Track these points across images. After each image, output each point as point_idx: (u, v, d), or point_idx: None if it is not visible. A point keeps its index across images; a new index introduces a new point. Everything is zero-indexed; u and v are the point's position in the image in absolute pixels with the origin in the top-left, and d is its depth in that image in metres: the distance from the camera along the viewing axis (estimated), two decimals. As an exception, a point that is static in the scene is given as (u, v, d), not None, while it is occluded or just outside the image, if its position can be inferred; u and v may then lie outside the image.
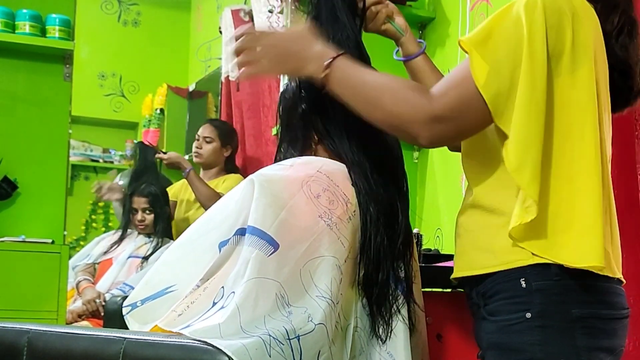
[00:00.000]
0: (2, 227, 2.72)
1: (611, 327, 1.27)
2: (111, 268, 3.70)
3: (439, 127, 1.23)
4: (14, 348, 1.20)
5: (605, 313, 1.26)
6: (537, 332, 1.24)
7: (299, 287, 1.27)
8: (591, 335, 1.25)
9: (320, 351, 1.24)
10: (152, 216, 3.76)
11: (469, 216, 1.36)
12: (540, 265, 1.25)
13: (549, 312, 1.24)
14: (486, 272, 1.30)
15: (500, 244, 1.28)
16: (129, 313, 1.36)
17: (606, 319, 1.26)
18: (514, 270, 1.27)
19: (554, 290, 1.24)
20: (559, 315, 1.24)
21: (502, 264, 1.28)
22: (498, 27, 1.23)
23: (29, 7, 2.75)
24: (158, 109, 5.56)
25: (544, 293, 1.24)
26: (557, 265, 1.24)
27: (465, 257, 1.36)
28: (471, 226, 1.35)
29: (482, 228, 1.33)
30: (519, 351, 1.26)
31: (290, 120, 1.51)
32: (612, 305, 1.28)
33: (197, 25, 5.85)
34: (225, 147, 3.91)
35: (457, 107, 1.23)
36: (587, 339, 1.24)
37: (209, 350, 1.13)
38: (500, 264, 1.28)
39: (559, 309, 1.24)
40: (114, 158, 5.80)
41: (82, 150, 5.70)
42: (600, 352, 1.26)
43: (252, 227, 1.29)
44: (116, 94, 5.86)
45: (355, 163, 1.42)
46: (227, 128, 4.07)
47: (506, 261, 1.27)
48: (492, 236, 1.30)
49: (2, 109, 2.77)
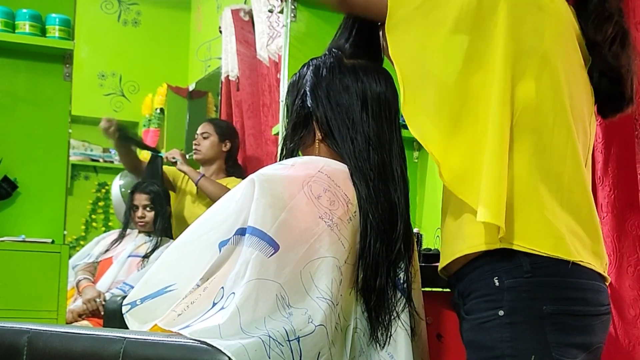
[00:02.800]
0: (2, 227, 2.72)
1: (585, 323, 1.28)
2: (111, 267, 3.70)
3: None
4: (14, 348, 1.20)
5: (578, 309, 1.28)
6: (507, 329, 1.26)
7: (300, 288, 1.27)
8: (562, 331, 1.26)
9: (320, 352, 1.24)
10: (153, 214, 3.76)
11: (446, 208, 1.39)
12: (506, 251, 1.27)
13: (518, 308, 1.26)
14: (454, 257, 1.33)
15: (468, 228, 1.31)
16: (129, 312, 1.36)
17: (579, 315, 1.28)
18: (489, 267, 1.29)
19: (524, 287, 1.26)
20: (528, 312, 1.26)
21: (470, 247, 1.30)
22: None
23: (29, 7, 2.74)
24: (158, 109, 5.56)
25: (515, 290, 1.27)
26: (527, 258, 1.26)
27: (444, 249, 1.40)
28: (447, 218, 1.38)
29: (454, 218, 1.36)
30: (490, 348, 1.28)
31: (296, 115, 1.51)
32: (587, 302, 1.29)
33: (197, 25, 5.85)
34: (223, 142, 3.93)
35: None
36: (557, 335, 1.26)
37: (208, 351, 1.13)
38: (467, 248, 1.31)
39: (529, 306, 1.26)
40: (114, 158, 5.80)
41: (82, 149, 5.70)
42: (572, 348, 1.27)
43: (252, 227, 1.29)
44: (116, 93, 5.86)
45: (358, 168, 1.41)
46: (226, 125, 4.11)
47: (472, 245, 1.30)
48: (461, 222, 1.33)
49: (2, 109, 2.76)
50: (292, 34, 2.92)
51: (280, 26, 3.44)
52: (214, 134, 3.92)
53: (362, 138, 1.43)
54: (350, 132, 1.43)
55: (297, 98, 1.50)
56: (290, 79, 1.56)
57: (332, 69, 1.48)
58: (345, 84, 1.46)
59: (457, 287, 1.38)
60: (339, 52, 1.51)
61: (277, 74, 3.56)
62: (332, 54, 1.51)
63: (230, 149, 3.96)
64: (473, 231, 1.30)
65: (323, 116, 1.46)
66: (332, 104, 1.45)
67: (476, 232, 1.29)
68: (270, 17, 3.70)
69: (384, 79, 1.48)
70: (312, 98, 1.48)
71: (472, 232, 1.30)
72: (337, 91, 1.46)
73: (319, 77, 1.48)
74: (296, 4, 2.94)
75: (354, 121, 1.44)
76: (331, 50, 1.53)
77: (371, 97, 1.45)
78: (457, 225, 1.34)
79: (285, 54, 2.94)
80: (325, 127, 1.46)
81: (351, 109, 1.45)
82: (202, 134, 3.93)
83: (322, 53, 1.56)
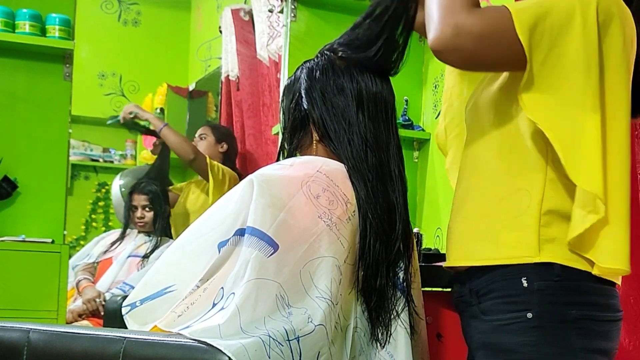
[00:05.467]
0: (2, 227, 2.72)
1: (606, 329, 1.27)
2: (111, 267, 3.70)
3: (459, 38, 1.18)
4: (14, 348, 1.20)
5: (601, 315, 1.26)
6: (532, 333, 1.23)
7: (299, 288, 1.27)
8: (586, 336, 1.24)
9: (319, 352, 1.24)
10: (152, 214, 3.77)
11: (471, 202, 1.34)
12: (544, 264, 1.24)
13: (546, 312, 1.23)
14: (487, 264, 1.28)
15: (507, 236, 1.26)
16: (128, 313, 1.36)
17: (602, 320, 1.26)
18: (514, 267, 1.25)
19: (553, 291, 1.23)
20: (555, 316, 1.23)
21: (505, 258, 1.26)
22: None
23: (29, 7, 2.74)
24: (158, 109, 5.55)
25: (544, 293, 1.23)
26: (559, 265, 1.23)
27: (463, 246, 1.34)
28: (472, 213, 1.33)
29: (485, 216, 1.30)
30: (510, 351, 1.25)
31: (292, 118, 1.51)
32: (608, 308, 1.27)
33: (197, 25, 5.85)
34: (220, 143, 3.98)
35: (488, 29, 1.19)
36: (582, 340, 1.23)
37: (208, 350, 1.13)
38: (503, 258, 1.26)
39: (557, 310, 1.23)
40: (114, 158, 5.80)
41: (82, 149, 5.70)
42: (596, 354, 1.25)
43: (252, 227, 1.29)
44: (116, 93, 5.86)
45: (355, 169, 1.41)
46: (223, 127, 4.18)
47: (510, 256, 1.25)
48: (498, 226, 1.28)
49: (2, 109, 2.76)
50: (292, 34, 2.93)
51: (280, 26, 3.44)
52: (210, 135, 3.97)
53: (359, 139, 1.43)
54: (346, 133, 1.43)
55: (292, 101, 1.50)
56: (286, 82, 1.56)
57: (325, 71, 1.48)
58: (340, 85, 1.46)
59: (468, 285, 1.33)
60: (331, 53, 1.51)
61: (277, 73, 3.56)
62: (325, 56, 1.51)
63: (227, 151, 4.00)
64: (511, 241, 1.26)
65: (319, 118, 1.46)
66: (328, 106, 1.45)
67: (514, 243, 1.25)
68: (270, 17, 3.70)
69: (380, 78, 1.48)
70: (307, 100, 1.48)
71: (510, 241, 1.26)
72: (332, 92, 1.46)
73: (313, 80, 1.48)
74: (296, 4, 2.94)
75: (350, 122, 1.44)
76: (323, 52, 1.52)
77: (367, 97, 1.45)
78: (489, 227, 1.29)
79: (285, 53, 2.94)
80: (321, 129, 1.46)
81: (347, 110, 1.44)
82: (199, 135, 3.99)
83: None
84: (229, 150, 4.00)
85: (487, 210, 1.30)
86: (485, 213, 1.30)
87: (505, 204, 1.28)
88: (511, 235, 1.26)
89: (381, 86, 1.47)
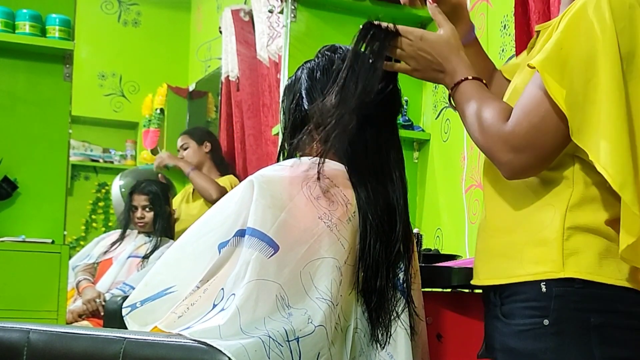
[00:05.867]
0: (2, 227, 2.72)
1: (631, 337, 1.23)
2: (111, 268, 3.70)
3: (519, 157, 1.22)
4: (14, 348, 1.20)
5: (626, 323, 1.23)
6: (552, 339, 1.22)
7: (299, 289, 1.27)
8: (609, 344, 1.21)
9: (319, 353, 1.24)
10: (152, 214, 3.77)
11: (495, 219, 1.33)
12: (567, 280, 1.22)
13: (565, 319, 1.21)
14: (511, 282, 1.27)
15: (530, 252, 1.25)
16: (129, 314, 1.36)
17: (626, 329, 1.23)
18: None
19: (573, 297, 1.21)
20: (575, 323, 1.21)
21: (529, 275, 1.25)
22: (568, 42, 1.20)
23: (29, 7, 2.74)
24: (158, 109, 5.56)
25: (563, 300, 1.22)
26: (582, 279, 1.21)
27: (489, 264, 1.34)
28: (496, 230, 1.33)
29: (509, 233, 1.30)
30: (530, 357, 1.24)
31: (293, 118, 1.51)
32: (631, 315, 1.24)
33: (197, 25, 5.85)
34: (203, 145, 4.08)
35: (533, 135, 1.21)
36: (604, 348, 1.21)
37: (208, 351, 1.13)
38: (527, 275, 1.25)
39: (576, 316, 1.21)
40: (114, 158, 5.80)
41: (82, 150, 5.70)
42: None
43: (252, 228, 1.29)
44: (116, 93, 5.86)
45: (356, 170, 1.41)
46: (199, 128, 4.31)
47: (533, 272, 1.24)
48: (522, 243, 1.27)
49: (2, 109, 2.77)
50: (292, 34, 2.93)
51: (280, 26, 3.45)
52: (191, 141, 4.08)
53: (360, 140, 1.43)
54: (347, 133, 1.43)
55: (293, 101, 1.50)
56: (286, 83, 1.56)
57: (326, 71, 1.48)
58: None
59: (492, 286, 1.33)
60: (332, 54, 1.51)
61: (277, 74, 3.57)
62: (326, 56, 1.51)
63: (212, 149, 4.11)
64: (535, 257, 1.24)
65: (320, 118, 1.46)
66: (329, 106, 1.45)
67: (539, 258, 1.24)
68: (270, 17, 3.71)
69: None
70: (308, 101, 1.48)
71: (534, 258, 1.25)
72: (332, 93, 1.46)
73: (314, 80, 1.48)
74: (296, 4, 2.94)
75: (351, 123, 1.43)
76: (324, 52, 1.52)
77: None
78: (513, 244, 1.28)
79: (285, 54, 2.94)
80: (322, 129, 1.46)
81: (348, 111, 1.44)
82: (181, 146, 4.09)
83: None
84: (213, 147, 4.11)
85: (510, 227, 1.30)
86: (509, 229, 1.30)
87: (529, 220, 1.27)
88: (534, 251, 1.25)
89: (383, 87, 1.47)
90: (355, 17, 3.00)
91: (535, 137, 1.21)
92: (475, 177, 2.71)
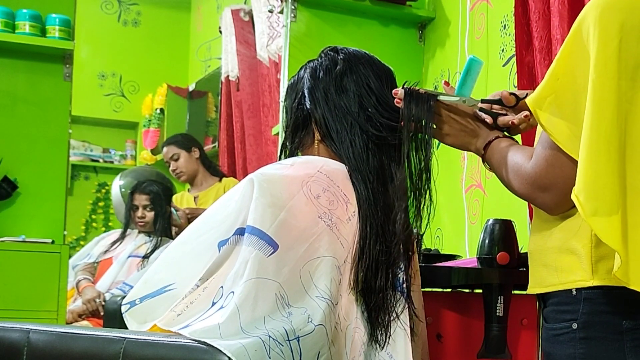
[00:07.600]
0: (2, 227, 2.72)
1: None
2: (111, 267, 3.70)
3: (548, 195, 1.23)
4: (14, 348, 1.20)
5: None
6: (581, 345, 1.20)
7: (299, 288, 1.27)
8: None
9: (319, 352, 1.24)
10: (153, 214, 3.77)
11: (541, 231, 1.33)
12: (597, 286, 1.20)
13: (595, 323, 1.19)
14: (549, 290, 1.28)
15: (563, 260, 1.25)
16: (128, 311, 1.36)
17: None
18: None
19: (602, 299, 1.19)
20: (606, 327, 1.19)
21: (562, 284, 1.25)
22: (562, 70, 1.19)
23: (29, 7, 2.75)
24: (158, 109, 5.56)
25: (592, 302, 1.20)
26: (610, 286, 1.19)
27: (535, 273, 1.34)
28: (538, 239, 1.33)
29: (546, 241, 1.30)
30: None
31: (295, 117, 1.51)
32: None
33: (197, 25, 5.85)
34: (191, 152, 4.07)
35: (551, 172, 1.21)
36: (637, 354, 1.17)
37: (208, 351, 1.13)
38: (561, 284, 1.25)
39: (607, 320, 1.19)
40: (114, 158, 5.80)
41: (82, 150, 5.70)
42: None
43: (252, 227, 1.29)
44: (116, 93, 5.86)
45: (357, 170, 1.41)
46: (181, 136, 4.26)
47: (565, 281, 1.24)
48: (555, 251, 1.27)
49: (2, 109, 2.77)
50: (292, 34, 2.93)
51: (280, 26, 3.45)
52: (180, 150, 4.05)
53: (361, 140, 1.43)
54: (348, 134, 1.44)
55: (295, 100, 1.51)
56: (289, 82, 1.56)
57: (328, 71, 1.48)
58: (343, 85, 1.46)
59: None
60: (335, 54, 1.51)
61: (277, 74, 3.57)
62: (329, 56, 1.51)
63: (200, 154, 4.09)
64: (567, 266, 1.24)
65: (321, 118, 1.46)
66: (330, 106, 1.45)
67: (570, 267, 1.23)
68: (270, 17, 3.71)
69: (384, 79, 1.48)
70: (310, 100, 1.48)
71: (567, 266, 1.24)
72: (334, 93, 1.46)
73: (316, 79, 1.48)
74: (296, 5, 2.94)
75: (352, 123, 1.44)
76: (327, 52, 1.53)
77: (370, 98, 1.45)
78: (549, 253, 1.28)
79: (285, 54, 2.94)
80: (324, 129, 1.46)
81: (349, 111, 1.45)
82: (171, 157, 4.06)
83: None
84: (200, 152, 4.11)
85: (547, 236, 1.30)
86: (546, 238, 1.30)
87: (560, 228, 1.27)
88: (566, 259, 1.25)
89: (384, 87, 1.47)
90: (355, 17, 3.00)
91: (554, 174, 1.21)
92: (475, 177, 2.71)
